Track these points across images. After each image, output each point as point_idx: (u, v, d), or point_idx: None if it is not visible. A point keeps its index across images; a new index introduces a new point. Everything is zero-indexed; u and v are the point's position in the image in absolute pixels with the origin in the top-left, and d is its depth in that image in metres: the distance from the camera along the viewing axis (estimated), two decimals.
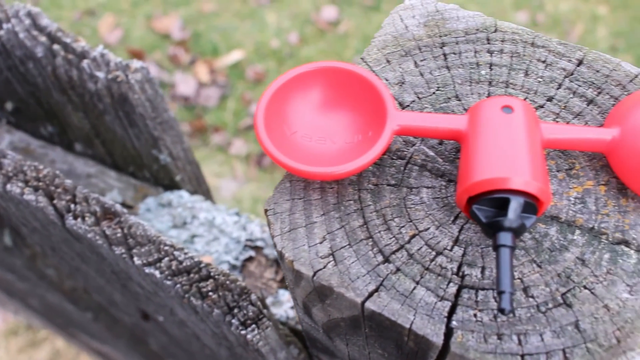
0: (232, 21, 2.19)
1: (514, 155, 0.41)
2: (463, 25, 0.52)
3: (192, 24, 2.19)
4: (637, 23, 2.14)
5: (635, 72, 0.49)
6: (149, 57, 2.12)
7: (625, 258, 0.43)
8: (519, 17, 2.14)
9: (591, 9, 2.17)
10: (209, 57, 2.10)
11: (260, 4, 2.21)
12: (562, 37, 2.11)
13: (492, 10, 2.15)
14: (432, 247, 0.44)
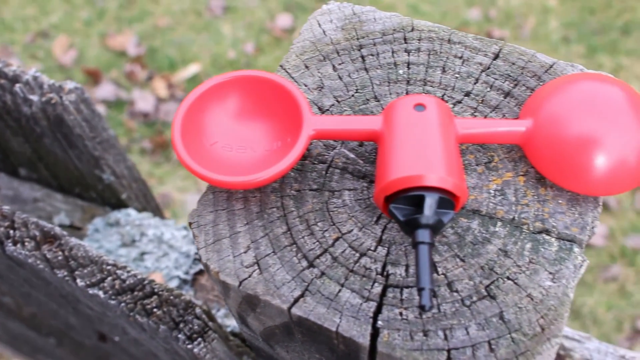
0: (187, 35, 2.18)
1: (427, 153, 0.41)
2: (380, 27, 0.52)
3: (147, 40, 2.18)
4: (586, 13, 2.17)
5: (550, 62, 0.50)
6: (105, 75, 2.11)
7: (546, 246, 0.43)
8: (472, 14, 2.16)
9: (542, 2, 2.19)
10: (166, 72, 2.09)
11: (214, 16, 2.21)
12: (515, 31, 2.13)
13: (445, 9, 2.16)
14: (355, 248, 0.44)
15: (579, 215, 0.44)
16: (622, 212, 1.95)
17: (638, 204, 1.95)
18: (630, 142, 0.43)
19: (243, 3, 2.19)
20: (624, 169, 0.43)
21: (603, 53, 2.09)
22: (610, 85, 0.45)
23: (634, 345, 1.86)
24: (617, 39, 2.11)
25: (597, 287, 1.92)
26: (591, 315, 1.90)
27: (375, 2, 2.16)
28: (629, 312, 1.89)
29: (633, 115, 0.44)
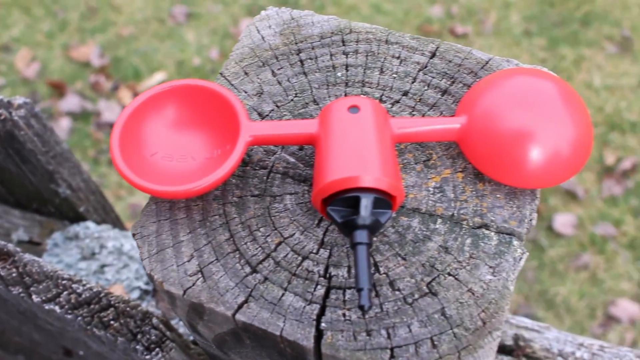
0: (151, 43, 2.17)
1: (362, 154, 0.41)
2: (318, 30, 0.52)
3: (111, 50, 2.17)
4: (546, 6, 2.19)
5: (486, 59, 0.50)
6: (70, 87, 2.09)
7: (486, 241, 0.44)
8: (434, 11, 2.17)
9: None
10: (131, 82, 2.08)
11: (178, 23, 2.20)
12: (478, 26, 2.15)
13: (407, 7, 2.18)
14: (298, 252, 0.44)
15: (517, 208, 0.45)
16: (589, 201, 1.98)
17: (605, 192, 1.97)
18: (562, 134, 0.44)
19: (206, 9, 2.19)
20: (558, 161, 0.44)
21: (564, 45, 2.11)
22: (542, 80, 0.45)
23: (607, 332, 1.88)
24: (577, 30, 2.14)
25: (569, 276, 1.94)
26: (564, 304, 1.92)
27: (337, 3, 2.17)
28: (601, 299, 1.91)
29: (565, 107, 0.44)
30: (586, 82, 2.07)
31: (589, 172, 2.01)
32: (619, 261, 1.94)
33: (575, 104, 0.45)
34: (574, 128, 0.44)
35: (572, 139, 0.44)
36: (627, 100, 2.04)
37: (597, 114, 2.03)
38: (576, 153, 0.44)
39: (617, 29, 2.13)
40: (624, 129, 2.02)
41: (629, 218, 1.96)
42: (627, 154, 2.00)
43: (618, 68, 2.08)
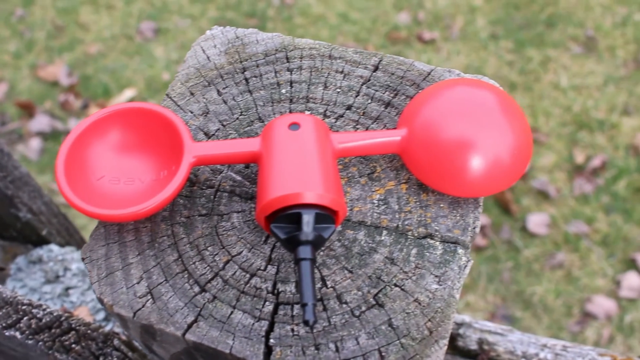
0: (120, 60, 2.17)
1: (303, 171, 0.42)
2: (262, 48, 0.53)
3: (79, 68, 2.16)
4: (511, 9, 2.22)
5: (428, 70, 0.51)
6: (39, 107, 2.08)
7: (431, 250, 0.45)
8: (402, 18, 2.19)
9: (468, 1, 2.24)
10: (101, 99, 2.07)
11: (146, 39, 2.20)
12: (445, 31, 2.17)
13: (374, 15, 2.19)
14: (245, 269, 0.44)
15: (461, 217, 0.45)
16: (561, 200, 2.00)
17: (576, 191, 1.99)
18: (502, 142, 0.44)
19: (174, 24, 2.19)
20: (499, 168, 0.44)
21: (531, 47, 2.13)
22: (481, 90, 0.46)
23: (585, 329, 1.90)
24: (542, 32, 2.16)
25: (545, 275, 1.95)
26: (541, 304, 1.94)
27: (305, 13, 2.18)
28: (577, 297, 1.93)
29: (504, 116, 0.45)
30: (553, 82, 2.10)
31: (560, 171, 2.03)
32: (593, 258, 1.96)
33: (513, 113, 0.46)
34: (513, 136, 0.45)
35: (512, 147, 0.45)
36: (594, 99, 2.07)
37: (565, 113, 2.06)
38: (516, 160, 0.45)
39: (581, 30, 2.16)
40: (592, 127, 2.04)
41: (601, 215, 1.98)
42: (596, 152, 2.03)
43: (584, 68, 2.11)
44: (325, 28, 2.16)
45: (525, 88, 2.09)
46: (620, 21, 2.18)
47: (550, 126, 2.06)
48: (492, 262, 1.97)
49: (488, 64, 2.11)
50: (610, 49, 2.14)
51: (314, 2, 2.22)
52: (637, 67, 2.11)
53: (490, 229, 1.98)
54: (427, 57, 2.10)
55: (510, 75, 2.10)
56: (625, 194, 1.99)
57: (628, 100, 2.07)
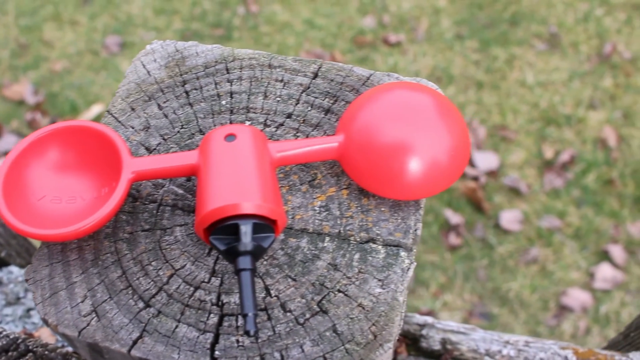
0: (86, 75, 2.15)
1: (240, 181, 0.42)
2: (202, 60, 0.53)
3: (45, 86, 2.14)
4: (475, 9, 2.23)
5: (367, 75, 0.51)
6: (6, 127, 2.07)
7: (374, 255, 0.45)
8: (367, 22, 2.20)
9: (432, 3, 2.25)
10: (68, 116, 2.06)
11: (111, 53, 2.19)
12: (410, 34, 2.18)
13: (339, 20, 2.20)
14: (189, 283, 0.44)
15: (402, 220, 0.46)
16: (533, 196, 2.01)
17: (547, 186, 2.01)
18: (439, 143, 0.45)
19: (139, 38, 2.18)
20: (437, 170, 0.45)
21: (495, 45, 2.15)
22: (417, 93, 0.47)
23: (561, 322, 1.91)
24: (507, 30, 2.18)
25: (520, 271, 1.97)
26: (518, 299, 1.95)
27: (271, 21, 2.18)
28: (552, 291, 1.95)
29: (440, 118, 0.45)
30: (519, 80, 2.12)
31: (530, 167, 2.04)
32: (567, 252, 1.98)
33: (450, 115, 0.46)
34: (450, 137, 0.45)
35: (449, 148, 0.45)
36: (560, 94, 2.09)
37: (533, 110, 2.07)
38: (453, 161, 0.45)
39: (545, 27, 2.19)
40: (559, 123, 2.06)
41: (572, 209, 2.00)
42: (565, 146, 2.05)
43: (549, 64, 2.13)
44: (291, 35, 2.17)
45: (492, 86, 2.10)
46: (582, 17, 2.21)
47: (519, 123, 2.07)
48: (467, 260, 1.98)
49: (454, 64, 2.12)
50: (573, 44, 2.17)
51: (279, 10, 2.22)
52: (600, 62, 2.14)
53: (464, 228, 1.99)
54: (393, 59, 2.12)
55: (476, 74, 2.12)
56: (595, 187, 2.01)
57: (593, 95, 2.10)
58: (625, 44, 2.16)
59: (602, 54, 2.14)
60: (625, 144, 2.04)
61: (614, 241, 1.98)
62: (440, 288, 1.95)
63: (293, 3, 2.24)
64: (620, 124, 2.06)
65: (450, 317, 1.94)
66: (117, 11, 2.23)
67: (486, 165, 2.02)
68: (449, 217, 1.97)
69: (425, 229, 1.98)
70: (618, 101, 2.09)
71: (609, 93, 2.09)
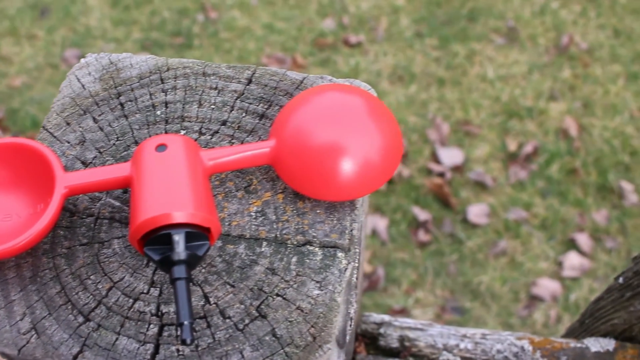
0: (46, 90, 2.14)
1: (172, 191, 0.42)
2: (137, 71, 0.53)
3: (4, 102, 2.12)
4: (434, 7, 2.25)
5: (300, 78, 0.52)
6: None
7: (311, 257, 0.45)
8: (327, 24, 2.21)
9: (390, 2, 2.27)
10: (30, 132, 2.04)
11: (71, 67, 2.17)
12: (370, 34, 2.19)
13: (299, 23, 2.20)
14: (128, 295, 0.44)
15: (338, 221, 0.46)
16: (499, 189, 2.03)
17: (512, 178, 2.03)
18: (370, 144, 0.45)
19: (99, 49, 2.17)
20: (369, 170, 0.45)
21: (455, 42, 2.17)
22: (348, 94, 0.47)
23: (533, 312, 1.93)
24: (465, 26, 2.20)
25: (490, 264, 1.99)
26: (488, 292, 1.97)
27: (231, 27, 2.18)
28: (522, 282, 1.97)
29: (371, 119, 0.46)
30: (480, 74, 2.14)
31: (494, 160, 2.07)
32: (534, 242, 2.00)
33: (381, 115, 0.47)
34: (381, 137, 0.46)
35: (380, 147, 0.46)
36: (521, 87, 2.11)
37: (495, 104, 2.10)
38: (386, 160, 0.46)
39: (502, 21, 2.21)
40: (521, 115, 2.09)
41: (538, 200, 2.03)
42: (528, 138, 2.07)
43: (508, 58, 2.16)
44: (252, 40, 2.17)
45: (454, 82, 2.12)
46: (538, 10, 2.24)
47: (482, 118, 2.09)
48: (437, 256, 1.99)
49: (415, 62, 2.14)
50: (531, 37, 2.19)
51: (238, 16, 2.22)
52: (558, 53, 2.16)
53: (432, 224, 2.01)
54: (354, 60, 2.13)
55: (437, 71, 2.14)
56: (559, 176, 2.04)
57: (553, 86, 2.12)
58: (582, 35, 2.19)
59: (559, 45, 2.17)
60: (586, 133, 2.07)
61: (579, 229, 2.00)
62: (412, 285, 1.96)
63: (252, 8, 2.24)
64: (580, 113, 2.09)
65: (423, 313, 1.96)
66: (75, 24, 2.21)
67: (451, 161, 2.04)
68: (417, 214, 1.98)
69: (393, 227, 2.00)
70: (577, 91, 2.12)
71: (568, 84, 2.12)
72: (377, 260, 1.99)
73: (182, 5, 2.24)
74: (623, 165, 2.03)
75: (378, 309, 1.95)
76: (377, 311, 1.94)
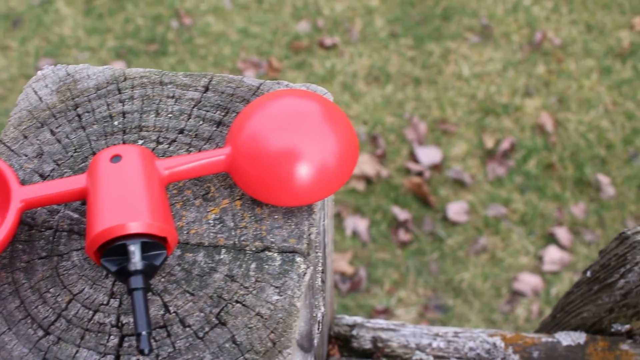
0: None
1: (127, 201, 0.42)
2: (94, 82, 0.53)
3: None
4: (407, 6, 2.26)
5: (257, 84, 0.52)
6: None
7: (270, 263, 0.45)
8: (301, 27, 2.21)
9: (364, 3, 2.27)
10: None
11: None
12: (345, 35, 2.20)
13: (274, 27, 2.21)
14: (88, 306, 0.44)
15: (295, 225, 0.46)
16: (477, 186, 2.04)
17: (490, 175, 2.05)
18: (325, 147, 0.46)
19: (73, 59, 2.16)
20: (325, 174, 0.46)
21: (430, 41, 2.18)
22: (302, 99, 0.47)
23: (515, 307, 1.94)
24: (440, 25, 2.21)
25: (471, 261, 2.00)
26: (470, 289, 1.98)
27: (205, 33, 2.18)
28: (503, 277, 1.98)
29: (326, 123, 0.46)
30: (456, 73, 2.15)
31: (472, 158, 2.08)
32: (514, 238, 2.01)
33: (336, 119, 0.47)
34: (336, 141, 0.46)
35: (336, 151, 0.46)
36: (496, 84, 2.13)
37: (471, 101, 2.11)
38: (341, 164, 0.46)
39: (476, 19, 2.22)
40: (497, 112, 2.10)
41: (516, 195, 2.04)
42: (505, 135, 2.08)
43: (483, 56, 2.17)
44: (227, 45, 2.17)
45: (430, 82, 2.13)
46: (511, 7, 2.25)
47: (458, 116, 2.10)
48: (418, 255, 2.00)
49: (390, 63, 2.15)
50: (505, 35, 2.21)
51: (213, 21, 2.22)
52: (532, 50, 2.18)
53: (412, 224, 2.02)
54: (330, 62, 2.13)
55: (413, 71, 2.14)
56: (537, 172, 2.05)
57: (528, 82, 2.14)
58: (555, 31, 2.21)
59: (533, 42, 2.18)
60: (562, 128, 2.09)
61: (558, 224, 2.02)
62: (394, 285, 1.96)
63: (226, 13, 2.24)
64: (555, 109, 2.10)
65: (406, 312, 1.96)
66: (48, 33, 2.20)
67: (429, 160, 2.05)
68: (397, 214, 1.99)
69: (374, 228, 2.00)
70: (552, 87, 2.13)
71: (543, 80, 2.14)
72: (358, 261, 1.99)
73: (156, 12, 2.23)
74: (599, 158, 2.05)
75: (361, 310, 1.95)
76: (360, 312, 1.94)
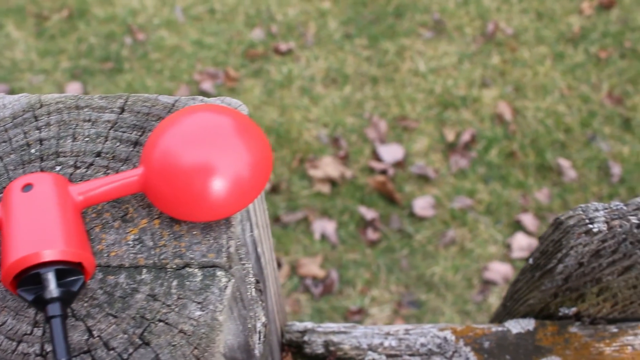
0: None
1: (40, 230, 0.42)
2: (10, 111, 0.53)
3: None
4: (359, 7, 2.28)
5: (172, 102, 0.52)
6: None
7: (191, 279, 0.45)
8: (256, 34, 2.21)
9: (316, 7, 2.28)
10: None
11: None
12: (300, 40, 2.20)
13: (228, 36, 2.21)
14: (11, 337, 0.44)
15: (214, 240, 0.47)
16: (441, 180, 2.06)
17: (453, 168, 2.06)
18: (238, 161, 0.46)
19: (28, 82, 2.15)
20: (239, 186, 0.46)
21: (384, 39, 2.20)
22: (213, 114, 0.48)
23: (487, 296, 1.96)
24: (393, 23, 2.23)
25: (440, 254, 2.01)
26: (442, 282, 1.99)
27: (160, 47, 2.17)
28: (474, 268, 2.00)
29: (238, 136, 0.47)
30: (412, 69, 2.16)
31: (434, 152, 2.09)
32: (482, 228, 2.03)
33: (249, 132, 0.47)
34: (249, 154, 0.46)
35: (249, 164, 0.46)
36: (453, 78, 2.14)
37: (429, 96, 2.12)
38: (255, 175, 0.46)
39: (428, 15, 2.24)
40: (456, 105, 2.12)
41: (481, 186, 2.06)
42: (465, 127, 2.10)
43: (437, 50, 2.18)
44: (182, 58, 2.16)
45: (387, 80, 2.15)
46: (462, 1, 2.27)
47: (418, 111, 2.12)
48: (388, 253, 2.01)
49: (347, 64, 2.15)
50: (458, 28, 2.23)
51: (166, 35, 2.22)
52: (485, 41, 2.20)
53: (380, 222, 2.03)
54: (287, 67, 2.13)
55: (370, 70, 2.15)
56: (499, 161, 2.07)
57: (484, 73, 2.16)
58: (506, 21, 2.23)
59: (486, 33, 2.21)
60: (520, 116, 2.11)
61: (524, 210, 2.04)
62: (367, 284, 1.97)
63: (179, 26, 2.24)
64: (512, 97, 2.13)
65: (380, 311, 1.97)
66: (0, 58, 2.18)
67: (392, 157, 2.06)
68: (364, 214, 2.00)
69: (342, 229, 2.01)
70: (508, 76, 2.16)
71: (498, 70, 2.16)
72: (329, 263, 2.00)
73: (109, 30, 2.22)
74: (559, 143, 2.07)
75: (335, 312, 1.96)
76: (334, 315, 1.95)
